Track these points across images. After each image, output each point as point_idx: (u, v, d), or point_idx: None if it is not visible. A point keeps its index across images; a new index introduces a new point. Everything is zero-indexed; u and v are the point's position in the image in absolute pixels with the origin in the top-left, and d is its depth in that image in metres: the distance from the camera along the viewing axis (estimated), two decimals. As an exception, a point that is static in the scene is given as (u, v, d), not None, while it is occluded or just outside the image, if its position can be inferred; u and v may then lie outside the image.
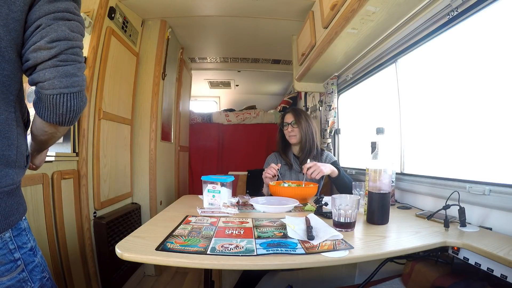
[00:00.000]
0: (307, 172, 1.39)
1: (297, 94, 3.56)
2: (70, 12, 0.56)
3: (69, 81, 0.54)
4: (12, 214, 0.56)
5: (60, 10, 0.54)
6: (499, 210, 0.88)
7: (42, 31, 0.52)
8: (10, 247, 0.57)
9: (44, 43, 0.52)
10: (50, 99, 0.53)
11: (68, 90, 0.54)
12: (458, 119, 1.13)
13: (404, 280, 1.06)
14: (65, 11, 0.55)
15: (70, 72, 0.54)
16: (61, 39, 0.53)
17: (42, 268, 0.63)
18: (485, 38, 1.01)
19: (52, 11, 0.53)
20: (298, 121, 1.61)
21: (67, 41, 0.54)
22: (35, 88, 0.55)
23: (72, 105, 0.55)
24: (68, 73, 0.54)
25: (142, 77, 2.07)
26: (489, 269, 0.70)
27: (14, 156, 0.56)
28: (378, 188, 0.94)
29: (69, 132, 1.39)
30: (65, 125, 0.58)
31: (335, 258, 0.66)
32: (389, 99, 1.57)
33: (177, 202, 1.35)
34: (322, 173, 1.40)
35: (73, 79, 0.55)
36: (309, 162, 1.43)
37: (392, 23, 1.33)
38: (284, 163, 1.66)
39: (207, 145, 3.39)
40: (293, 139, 1.62)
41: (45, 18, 0.53)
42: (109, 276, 1.55)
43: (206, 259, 0.65)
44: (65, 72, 0.53)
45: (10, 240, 0.56)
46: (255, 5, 1.90)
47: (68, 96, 0.54)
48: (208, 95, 4.50)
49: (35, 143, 0.67)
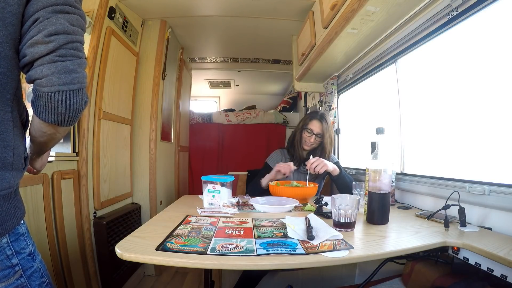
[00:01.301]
0: (311, 166, 1.39)
1: (297, 94, 3.56)
2: (70, 5, 0.52)
3: (68, 77, 0.50)
4: (9, 219, 0.54)
5: (59, 3, 0.50)
6: (499, 210, 0.88)
7: (39, 25, 0.49)
8: (8, 253, 0.54)
9: (42, 37, 0.48)
10: (48, 97, 0.49)
11: (67, 87, 0.50)
12: (458, 119, 1.13)
13: (404, 280, 1.06)
14: (65, 4, 0.51)
15: (70, 68, 0.50)
16: (59, 33, 0.49)
17: (41, 273, 0.61)
18: (485, 38, 1.01)
19: (51, 3, 0.49)
20: (324, 135, 1.54)
21: (66, 35, 0.50)
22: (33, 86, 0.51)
23: (71, 103, 0.51)
24: (67, 69, 0.50)
25: (142, 77, 2.07)
26: (489, 269, 0.70)
27: (10, 159, 0.53)
28: (378, 188, 0.94)
29: (69, 132, 1.39)
30: (65, 125, 0.54)
31: (335, 258, 0.66)
32: (389, 99, 1.57)
33: (177, 202, 1.35)
34: (326, 167, 1.40)
35: (73, 76, 0.50)
36: (313, 158, 1.43)
37: (392, 23, 1.33)
38: (289, 160, 1.64)
39: (207, 145, 3.39)
40: (308, 147, 1.57)
41: (43, 11, 0.49)
42: (109, 276, 1.55)
43: (206, 259, 0.65)
44: (64, 68, 0.49)
45: (7, 245, 0.54)
46: (255, 5, 1.90)
47: (67, 93, 0.50)
48: (208, 95, 4.50)
49: (34, 145, 0.63)
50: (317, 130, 1.54)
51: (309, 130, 1.55)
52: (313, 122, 1.56)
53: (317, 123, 1.55)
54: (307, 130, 1.56)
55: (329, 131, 1.55)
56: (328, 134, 1.55)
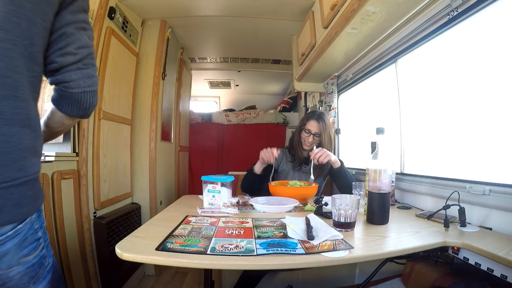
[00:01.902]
0: (314, 156, 1.41)
1: (297, 94, 3.56)
2: (86, 22, 0.66)
3: (90, 81, 0.66)
4: (39, 197, 0.65)
5: (80, 21, 0.64)
6: (499, 210, 0.88)
7: (67, 39, 0.62)
8: (35, 227, 0.64)
9: (71, 49, 0.62)
10: (75, 96, 0.64)
11: (90, 88, 0.66)
12: (458, 119, 1.13)
13: (404, 280, 1.06)
14: (83, 22, 0.65)
15: (91, 74, 0.66)
16: (84, 47, 0.64)
17: (49, 241, 0.70)
18: (485, 38, 1.01)
19: (74, 21, 0.63)
20: (322, 135, 1.54)
21: (88, 48, 0.65)
22: (56, 87, 0.65)
23: (93, 101, 0.68)
24: (89, 75, 0.65)
25: (142, 77, 2.07)
26: (489, 269, 0.70)
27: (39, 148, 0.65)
28: (378, 188, 0.94)
29: (69, 132, 1.38)
30: (85, 117, 0.70)
31: (335, 258, 0.66)
32: (389, 99, 1.57)
33: (177, 202, 1.35)
34: (329, 157, 1.42)
35: (93, 80, 0.66)
36: (316, 148, 1.45)
37: (392, 23, 1.33)
38: (290, 160, 1.64)
39: (207, 145, 3.38)
40: (307, 147, 1.58)
41: (68, 27, 0.62)
42: (109, 276, 1.55)
43: (206, 259, 0.65)
44: (87, 74, 0.65)
45: (35, 220, 0.64)
46: (255, 5, 1.90)
47: (90, 93, 0.66)
48: (208, 95, 4.50)
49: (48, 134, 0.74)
50: (314, 130, 1.55)
51: (307, 130, 1.56)
52: (311, 122, 1.57)
53: (315, 123, 1.56)
54: (305, 130, 1.57)
55: (327, 130, 1.55)
56: (326, 133, 1.55)
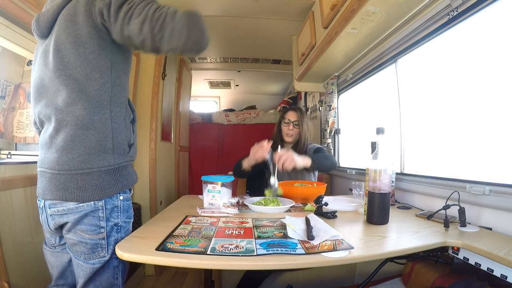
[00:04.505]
0: (278, 161, 1.25)
1: (297, 94, 3.56)
2: None
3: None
4: (108, 188, 0.72)
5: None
6: (499, 210, 0.88)
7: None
8: (100, 214, 0.73)
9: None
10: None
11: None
12: (458, 119, 1.13)
13: (404, 280, 1.06)
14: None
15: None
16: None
17: (117, 247, 0.72)
18: (485, 38, 1.01)
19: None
20: (301, 122, 1.61)
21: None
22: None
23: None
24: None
25: (142, 77, 2.07)
26: (489, 269, 0.70)
27: (110, 145, 0.73)
28: (378, 188, 0.94)
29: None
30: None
31: (335, 258, 0.66)
32: (389, 99, 1.57)
33: (177, 202, 1.35)
34: (294, 163, 1.27)
35: None
36: (281, 150, 1.29)
37: (392, 23, 1.33)
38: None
39: (207, 145, 3.39)
40: (289, 138, 1.62)
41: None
42: (109, 276, 1.55)
43: (206, 259, 0.65)
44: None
45: (101, 208, 0.72)
46: (255, 5, 1.90)
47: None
48: (208, 95, 4.50)
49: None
50: (293, 118, 1.62)
51: (286, 120, 1.63)
52: (289, 113, 1.65)
53: (293, 112, 1.64)
54: (284, 121, 1.63)
55: (305, 120, 1.62)
56: (305, 122, 1.61)
